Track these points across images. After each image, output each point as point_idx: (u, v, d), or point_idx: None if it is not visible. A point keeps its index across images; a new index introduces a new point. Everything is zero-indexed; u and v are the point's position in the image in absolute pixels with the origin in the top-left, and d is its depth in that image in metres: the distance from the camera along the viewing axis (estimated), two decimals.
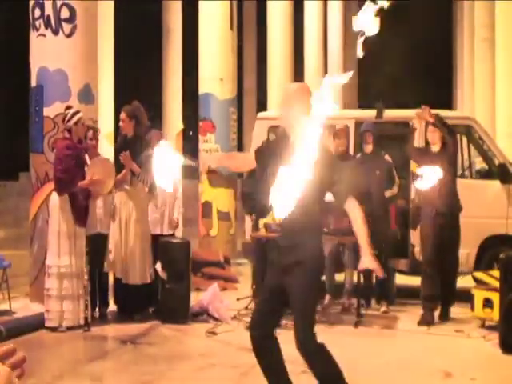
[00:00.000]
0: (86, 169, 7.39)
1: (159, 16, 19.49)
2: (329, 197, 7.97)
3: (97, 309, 7.76)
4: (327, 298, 8.48)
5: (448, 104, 22.21)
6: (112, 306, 7.94)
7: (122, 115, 7.90)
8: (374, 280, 8.61)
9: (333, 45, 21.81)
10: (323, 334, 7.10)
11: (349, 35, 23.61)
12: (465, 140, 9.64)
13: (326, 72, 20.66)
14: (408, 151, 8.33)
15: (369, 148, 8.55)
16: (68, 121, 7.34)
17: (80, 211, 7.30)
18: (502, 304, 6.70)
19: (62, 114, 7.55)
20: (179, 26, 19.20)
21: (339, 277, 8.59)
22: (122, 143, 7.92)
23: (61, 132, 7.60)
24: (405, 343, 7.00)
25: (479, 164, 10.73)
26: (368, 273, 8.53)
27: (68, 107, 7.49)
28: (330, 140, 8.71)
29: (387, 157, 8.65)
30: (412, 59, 26.44)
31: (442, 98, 20.88)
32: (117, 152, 7.95)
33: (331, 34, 21.90)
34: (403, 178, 9.28)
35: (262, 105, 17.70)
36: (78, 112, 7.39)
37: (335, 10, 22.16)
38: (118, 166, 7.71)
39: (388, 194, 8.50)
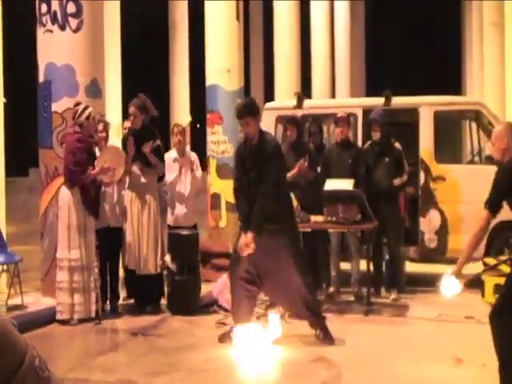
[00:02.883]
0: (96, 161, 7.46)
1: (165, 8, 19.48)
2: (338, 185, 8.04)
3: (107, 302, 7.81)
4: (332, 288, 8.49)
5: (457, 89, 22.10)
6: (122, 299, 8.00)
7: (133, 110, 7.92)
8: (383, 268, 8.63)
9: (340, 33, 21.72)
10: (333, 322, 7.18)
11: (355, 22, 23.54)
12: (474, 125, 9.60)
13: (333, 61, 20.62)
14: None
15: (376, 135, 8.55)
16: (79, 117, 7.41)
17: (92, 203, 7.36)
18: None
19: (70, 110, 7.59)
20: (185, 18, 19.20)
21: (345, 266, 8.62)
22: (132, 134, 7.93)
23: (70, 127, 7.64)
24: (415, 330, 7.00)
25: (489, 150, 10.68)
26: (378, 260, 8.55)
27: (77, 103, 7.53)
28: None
29: (397, 144, 8.61)
30: (420, 45, 26.31)
31: (451, 83, 20.78)
32: (125, 142, 8.00)
33: (338, 23, 21.81)
34: (412, 165, 9.26)
35: (269, 95, 17.66)
36: (87, 107, 7.45)
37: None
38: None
39: (397, 182, 8.46)
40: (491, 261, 7.61)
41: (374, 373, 5.53)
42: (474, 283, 6.40)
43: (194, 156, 8.47)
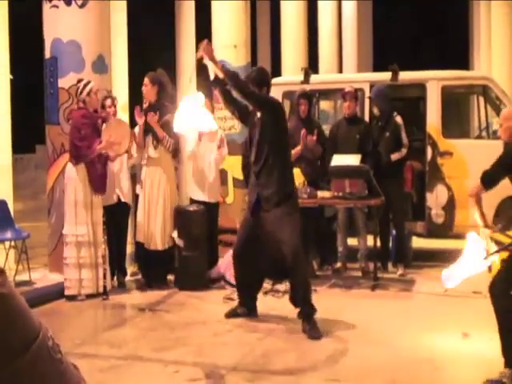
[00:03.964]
0: (101, 136, 7.45)
1: None
2: (345, 161, 8.02)
3: (115, 277, 7.84)
4: (339, 263, 8.50)
5: (465, 64, 21.93)
6: (130, 274, 8.05)
7: (146, 80, 7.89)
8: (390, 243, 8.63)
9: (347, 7, 21.54)
10: (340, 297, 7.21)
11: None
12: (482, 100, 9.54)
13: (340, 36, 20.48)
14: None
15: (375, 111, 8.65)
16: (80, 93, 7.39)
17: (98, 179, 7.37)
18: None
19: (74, 86, 7.57)
20: None
21: (352, 242, 8.62)
22: (144, 109, 7.90)
23: (75, 104, 7.63)
24: (422, 305, 7.01)
25: (496, 124, 10.63)
26: (385, 236, 8.56)
27: (79, 80, 7.51)
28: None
29: (398, 118, 8.54)
30: (428, 19, 26.12)
31: (458, 58, 20.63)
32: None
33: (346, 4, 21.63)
34: (419, 139, 9.23)
35: (276, 71, 17.57)
36: (88, 82, 7.42)
37: None
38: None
39: (395, 156, 8.41)
40: (498, 236, 7.59)
41: (380, 348, 5.55)
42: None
43: (221, 132, 8.40)
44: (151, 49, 21.37)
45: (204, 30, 14.79)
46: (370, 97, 8.74)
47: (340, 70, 19.62)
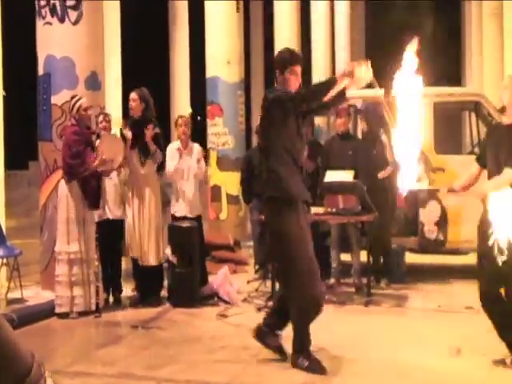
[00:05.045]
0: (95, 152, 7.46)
1: (166, 0, 19.42)
2: (339, 177, 8.04)
3: (110, 294, 7.82)
4: (332, 279, 8.51)
5: (457, 79, 22.06)
6: (125, 292, 8.02)
7: (134, 96, 7.91)
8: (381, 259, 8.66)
9: (340, 26, 21.70)
10: (334, 313, 7.20)
11: (355, 14, 23.49)
12: (474, 116, 9.59)
13: (333, 53, 20.59)
14: None
15: (363, 126, 8.69)
16: (71, 110, 7.43)
17: (93, 194, 7.36)
18: None
19: (68, 103, 7.59)
20: (185, 9, 19.14)
21: (345, 257, 8.63)
22: (132, 124, 7.93)
23: (68, 120, 7.64)
24: (415, 321, 7.02)
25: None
26: (376, 252, 8.57)
27: (73, 97, 7.53)
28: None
29: (383, 137, 8.63)
30: (419, 35, 26.29)
31: (450, 74, 20.74)
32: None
33: (338, 16, 21.76)
34: None
35: (269, 84, 17.63)
36: (79, 99, 7.43)
37: None
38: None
39: (380, 175, 8.48)
40: None
41: (373, 363, 5.54)
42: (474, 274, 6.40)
43: (198, 148, 8.44)
44: (145, 64, 21.40)
45: (198, 46, 14.86)
46: (358, 110, 8.78)
47: None
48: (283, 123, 5.33)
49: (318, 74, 19.07)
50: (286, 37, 16.70)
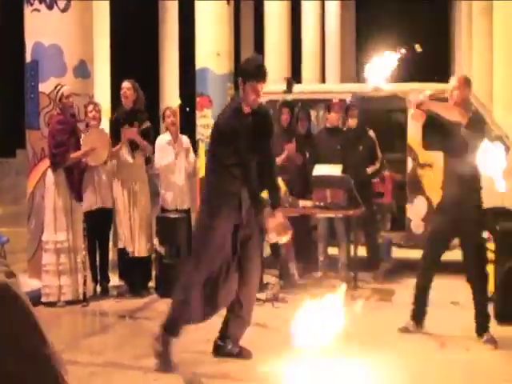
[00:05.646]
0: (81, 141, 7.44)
1: None
2: (327, 171, 8.07)
3: (98, 284, 7.81)
4: (320, 272, 8.54)
5: (445, 78, 22.15)
6: (113, 281, 8.00)
7: (128, 85, 7.87)
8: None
9: (330, 19, 21.72)
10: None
11: (346, 7, 23.48)
12: None
13: (323, 45, 20.60)
14: None
15: (353, 122, 8.66)
16: (55, 99, 7.41)
17: (76, 186, 7.34)
18: (497, 276, 6.77)
19: (54, 91, 7.56)
20: (175, 0, 19.09)
21: (332, 250, 8.66)
22: (124, 115, 7.89)
23: (54, 110, 7.61)
24: (400, 315, 7.03)
25: None
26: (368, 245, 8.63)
27: (56, 86, 7.50)
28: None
29: (371, 133, 8.70)
30: (408, 33, 26.37)
31: (439, 72, 20.82)
32: (116, 123, 7.94)
33: (329, 7, 21.78)
34: (400, 152, 9.31)
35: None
36: (61, 87, 7.40)
37: None
38: (117, 139, 7.76)
39: (370, 170, 8.65)
40: None
41: (358, 358, 5.57)
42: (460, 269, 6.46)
43: (186, 139, 8.43)
44: (134, 55, 21.33)
45: (187, 37, 14.83)
46: (351, 103, 8.79)
47: (323, 81, 19.73)
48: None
49: (308, 71, 19.09)
50: (275, 35, 16.73)
